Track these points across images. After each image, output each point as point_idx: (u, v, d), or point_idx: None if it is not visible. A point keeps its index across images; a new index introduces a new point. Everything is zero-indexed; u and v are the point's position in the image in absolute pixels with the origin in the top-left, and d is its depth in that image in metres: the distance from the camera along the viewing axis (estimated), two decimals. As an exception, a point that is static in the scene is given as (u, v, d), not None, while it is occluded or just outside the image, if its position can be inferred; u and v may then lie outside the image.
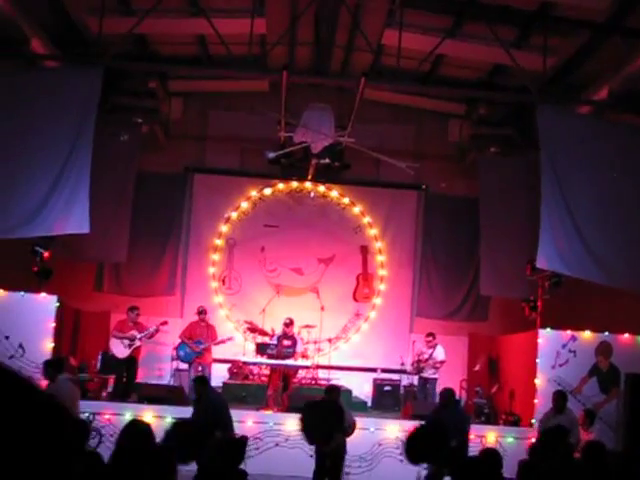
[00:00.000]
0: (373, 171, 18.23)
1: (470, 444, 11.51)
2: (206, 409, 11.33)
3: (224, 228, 18.33)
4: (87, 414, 12.72)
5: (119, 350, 14.85)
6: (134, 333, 14.94)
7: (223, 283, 18.32)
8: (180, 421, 10.63)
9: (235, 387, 15.90)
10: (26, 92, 12.90)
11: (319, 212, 18.38)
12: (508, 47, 13.29)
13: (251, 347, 16.47)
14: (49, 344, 13.31)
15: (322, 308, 17.40)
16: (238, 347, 16.93)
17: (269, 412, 14.17)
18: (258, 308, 17.30)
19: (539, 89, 13.42)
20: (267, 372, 15.94)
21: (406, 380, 16.60)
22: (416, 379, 16.08)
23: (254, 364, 16.37)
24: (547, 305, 14.74)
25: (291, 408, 14.08)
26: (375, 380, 16.83)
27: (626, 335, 13.98)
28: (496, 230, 16.17)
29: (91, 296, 17.47)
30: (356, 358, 17.94)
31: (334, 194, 18.45)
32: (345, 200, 18.49)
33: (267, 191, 18.39)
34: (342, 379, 16.69)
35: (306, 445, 12.27)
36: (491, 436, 13.54)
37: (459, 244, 17.92)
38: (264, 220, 18.34)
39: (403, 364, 16.70)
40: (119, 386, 14.81)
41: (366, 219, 18.54)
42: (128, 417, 11.79)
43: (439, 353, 15.72)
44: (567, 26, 13.24)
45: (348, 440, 12.06)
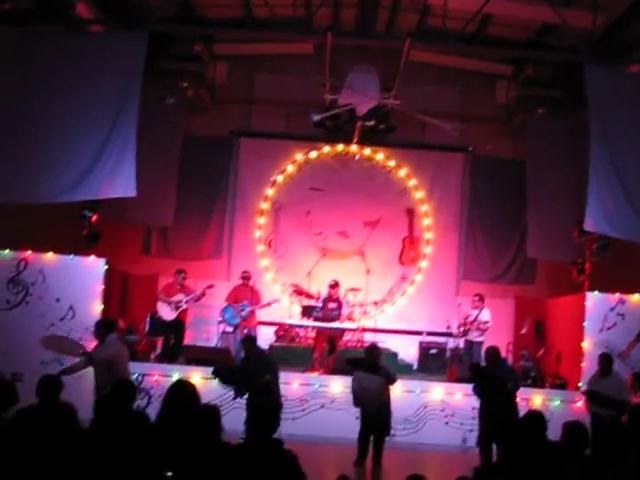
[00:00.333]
0: (419, 133, 18.07)
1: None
2: (257, 367, 11.41)
3: (270, 191, 18.34)
4: (136, 375, 12.92)
5: (166, 313, 15.04)
6: (181, 296, 15.09)
7: (269, 246, 18.37)
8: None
9: (281, 349, 16.03)
10: (72, 57, 12.97)
11: (365, 175, 18.29)
12: (557, 5, 13.04)
13: (297, 310, 16.52)
14: (98, 307, 13.50)
15: (368, 271, 17.38)
16: (284, 310, 17.03)
17: (315, 374, 14.28)
18: (304, 271, 17.34)
19: (588, 48, 13.18)
20: (313, 335, 16.05)
21: (452, 343, 16.57)
22: (462, 342, 16.06)
23: (300, 327, 16.47)
24: (595, 268, 14.60)
25: (336, 370, 14.19)
26: (421, 343, 16.84)
27: (676, 298, 13.81)
28: (543, 192, 15.98)
29: (139, 260, 17.67)
30: (402, 321, 17.92)
31: (379, 157, 18.34)
32: (391, 163, 18.38)
33: (313, 154, 18.34)
34: (388, 342, 16.70)
35: (351, 407, 12.40)
36: (537, 399, 13.51)
37: (505, 206, 17.71)
38: (310, 183, 18.32)
39: (449, 327, 16.66)
40: (167, 348, 15.02)
41: (412, 182, 18.42)
42: (176, 378, 11.95)
43: (485, 315, 15.66)
44: (617, -17, 12.97)
45: (393, 403, 12.13)
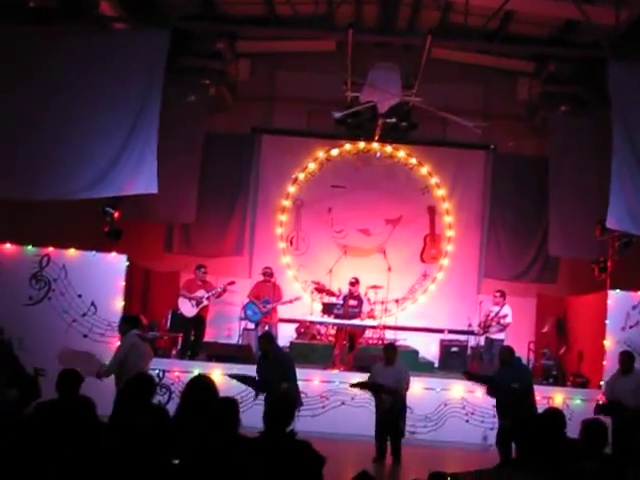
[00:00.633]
0: (440, 131, 18.04)
1: (537, 405, 11.45)
2: (273, 365, 11.46)
3: (291, 189, 18.38)
4: (157, 371, 12.99)
5: (187, 309, 15.09)
6: (202, 292, 15.14)
7: (291, 244, 18.41)
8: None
9: (302, 346, 16.05)
10: (95, 55, 13.04)
11: (386, 172, 18.29)
12: (579, 1, 12.96)
13: (318, 307, 16.54)
14: (119, 303, 13.57)
15: (389, 269, 17.38)
16: (305, 307, 17.07)
17: (335, 371, 14.29)
18: (325, 269, 17.36)
19: (611, 44, 13.07)
20: (334, 332, 16.06)
21: (473, 341, 16.53)
22: (483, 340, 16.02)
23: (321, 324, 16.49)
24: (617, 266, 14.50)
25: (357, 367, 14.20)
26: (442, 341, 16.82)
27: (698, 296, 13.70)
28: (566, 190, 15.89)
29: (161, 256, 17.74)
30: (423, 319, 17.91)
31: (401, 154, 18.34)
32: (412, 160, 18.37)
33: (334, 152, 18.36)
34: (409, 340, 16.73)
35: (372, 404, 12.44)
36: (558, 397, 13.47)
37: (527, 204, 17.65)
38: (331, 181, 18.34)
39: (470, 325, 16.61)
40: (187, 344, 15.07)
41: (433, 179, 18.40)
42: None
43: (505, 310, 15.61)
44: (641, -22, 12.87)
45: (414, 400, 12.16)
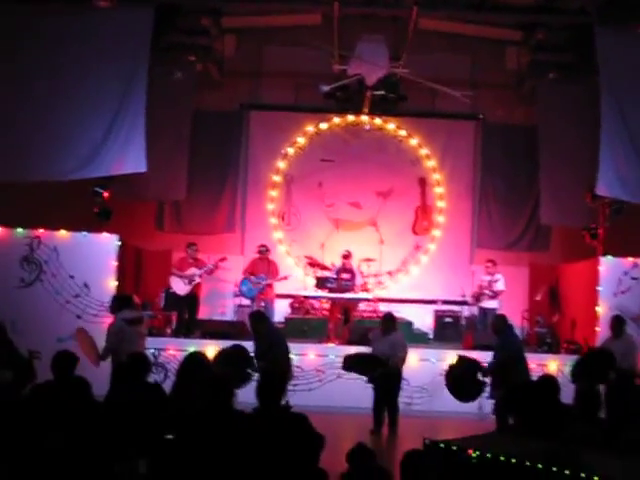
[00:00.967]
0: (429, 102, 17.95)
1: (531, 373, 11.50)
2: (266, 342, 11.47)
3: (281, 164, 18.32)
4: (152, 350, 13.01)
5: (179, 287, 15.09)
6: (193, 270, 15.14)
7: (282, 219, 18.38)
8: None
9: (297, 321, 16.11)
10: (79, 34, 12.98)
11: (376, 145, 18.23)
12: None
13: (312, 282, 16.52)
14: (112, 282, 13.58)
15: (381, 241, 17.39)
16: (299, 282, 17.08)
17: (330, 345, 14.33)
18: (317, 243, 17.37)
19: (597, 10, 13.05)
20: (327, 306, 16.09)
21: (467, 311, 16.59)
22: (476, 310, 16.08)
23: (314, 298, 16.49)
24: (608, 232, 14.53)
25: (352, 341, 14.23)
26: (436, 312, 16.85)
27: (688, 260, 13.75)
28: (556, 158, 15.87)
29: (153, 235, 17.70)
30: (416, 290, 17.92)
31: (390, 126, 18.26)
32: (402, 132, 18.30)
33: (323, 125, 18.29)
34: (403, 311, 16.72)
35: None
36: (553, 365, 13.55)
37: (518, 173, 17.64)
38: (321, 155, 18.25)
39: (464, 295, 16.66)
40: (181, 322, 15.09)
41: (423, 151, 18.35)
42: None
43: (498, 283, 15.66)
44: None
45: (410, 371, 12.23)
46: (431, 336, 16.41)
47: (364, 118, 17.94)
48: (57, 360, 7.22)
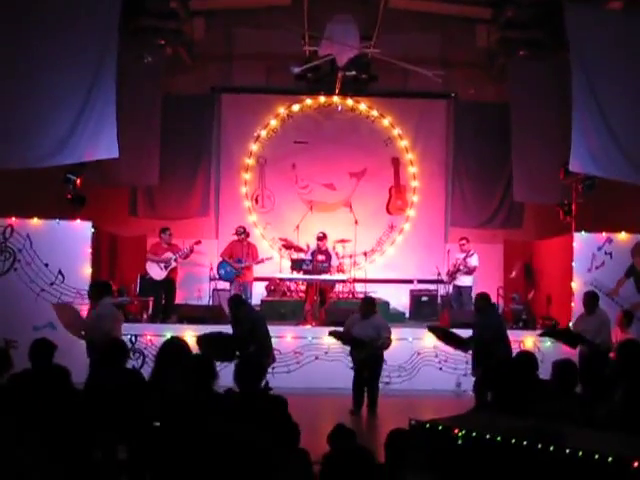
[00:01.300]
0: (401, 82, 17.92)
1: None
2: (244, 327, 11.48)
3: (254, 147, 18.26)
4: (129, 336, 12.97)
5: (155, 272, 15.04)
6: (169, 254, 15.09)
7: (256, 202, 18.35)
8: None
9: (273, 304, 16.09)
10: (45, 17, 12.78)
11: (348, 126, 18.21)
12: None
13: (287, 264, 16.54)
14: (87, 269, 13.50)
15: (356, 222, 17.39)
16: (275, 265, 17.05)
17: (307, 327, 14.35)
18: (292, 225, 17.33)
19: (566, -14, 13.06)
20: (304, 288, 16.11)
21: (443, 290, 16.66)
22: (452, 288, 16.16)
23: (290, 280, 16.52)
24: (581, 208, 14.63)
25: (329, 322, 14.26)
26: (412, 291, 16.92)
27: (662, 235, 13.87)
28: (528, 135, 15.91)
29: (126, 221, 17.59)
30: (392, 270, 17.99)
31: (362, 107, 18.26)
32: (374, 112, 18.30)
33: (295, 107, 18.25)
34: (379, 291, 16.77)
35: (346, 358, 12.56)
36: (529, 341, 13.64)
37: (491, 151, 17.65)
38: (294, 137, 18.22)
39: (439, 274, 16.73)
40: (158, 308, 15.04)
41: (396, 131, 18.36)
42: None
43: (472, 258, 15.76)
44: None
45: (387, 351, 12.27)
46: (407, 315, 16.46)
47: (336, 99, 17.92)
48: (34, 348, 7.19)
